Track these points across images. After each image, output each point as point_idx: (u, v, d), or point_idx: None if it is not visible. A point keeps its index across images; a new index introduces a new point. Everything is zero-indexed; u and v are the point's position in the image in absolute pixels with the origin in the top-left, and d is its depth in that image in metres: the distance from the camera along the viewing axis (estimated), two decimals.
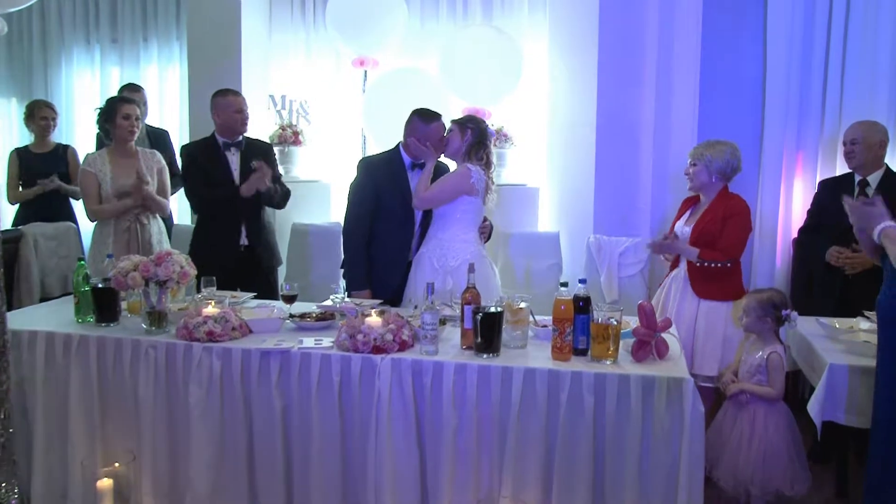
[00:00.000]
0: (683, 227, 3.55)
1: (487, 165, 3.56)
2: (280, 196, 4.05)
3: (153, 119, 5.58)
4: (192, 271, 2.89)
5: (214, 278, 3.18)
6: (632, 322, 2.79)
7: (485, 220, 3.68)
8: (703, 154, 3.49)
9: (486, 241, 3.72)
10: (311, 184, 5.21)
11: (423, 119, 3.56)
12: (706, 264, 3.38)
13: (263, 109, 5.17)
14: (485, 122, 3.71)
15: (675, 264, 3.66)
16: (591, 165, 4.71)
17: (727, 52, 4.65)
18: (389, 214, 3.58)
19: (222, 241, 3.91)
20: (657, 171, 4.61)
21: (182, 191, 4.31)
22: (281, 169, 4.35)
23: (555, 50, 5.03)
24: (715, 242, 3.41)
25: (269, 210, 4.16)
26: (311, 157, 5.31)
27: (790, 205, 4.56)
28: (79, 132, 6.18)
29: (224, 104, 3.93)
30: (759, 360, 2.92)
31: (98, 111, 4.01)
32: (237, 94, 4.01)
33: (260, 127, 5.01)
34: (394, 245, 3.58)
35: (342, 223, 3.66)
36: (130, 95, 4.52)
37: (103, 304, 2.94)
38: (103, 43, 6.16)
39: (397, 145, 3.68)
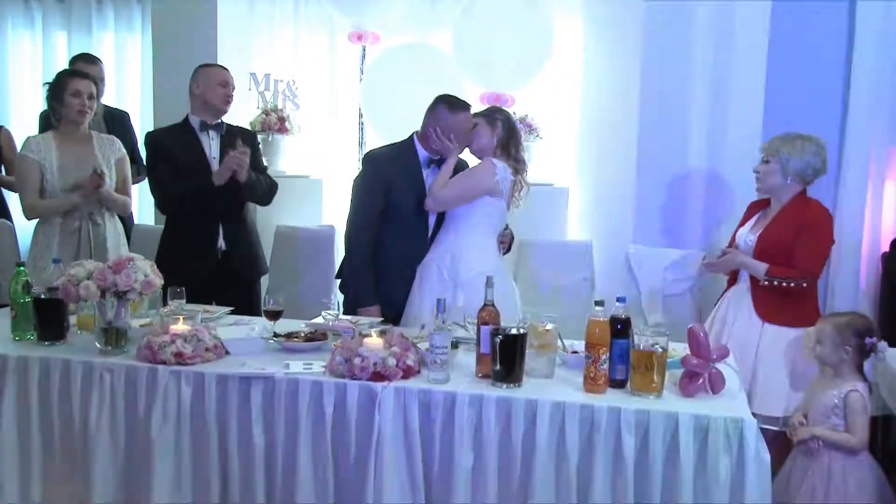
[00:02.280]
0: (748, 236, 3.49)
1: (518, 163, 3.57)
2: (264, 188, 4.05)
3: (108, 98, 5.59)
4: (158, 281, 2.88)
5: (184, 289, 3.17)
6: (680, 349, 2.76)
7: (505, 228, 3.69)
8: (780, 150, 3.39)
9: (504, 253, 3.73)
10: (299, 179, 5.23)
11: (449, 108, 3.56)
12: (776, 282, 3.30)
13: (243, 91, 5.18)
14: (510, 113, 3.73)
15: (733, 279, 3.62)
16: (631, 162, 4.71)
17: (802, 27, 4.53)
18: (399, 218, 3.57)
19: (195, 245, 3.91)
20: (712, 169, 4.61)
21: (145, 184, 4.31)
22: (264, 161, 4.35)
23: (591, 25, 5.04)
24: (785, 256, 3.33)
25: (252, 209, 4.17)
26: (299, 148, 5.33)
27: (879, 212, 4.45)
28: (15, 110, 6.13)
29: (208, 74, 3.95)
30: (835, 399, 2.88)
31: (46, 86, 4.00)
32: (226, 69, 4.05)
33: (239, 112, 5.02)
34: (402, 254, 3.57)
35: (344, 227, 3.66)
36: (84, 68, 4.45)
37: (48, 319, 2.93)
38: (46, 2, 6.11)
39: (411, 136, 3.68)
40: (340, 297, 3.83)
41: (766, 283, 3.30)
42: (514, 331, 2.55)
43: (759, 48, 4.47)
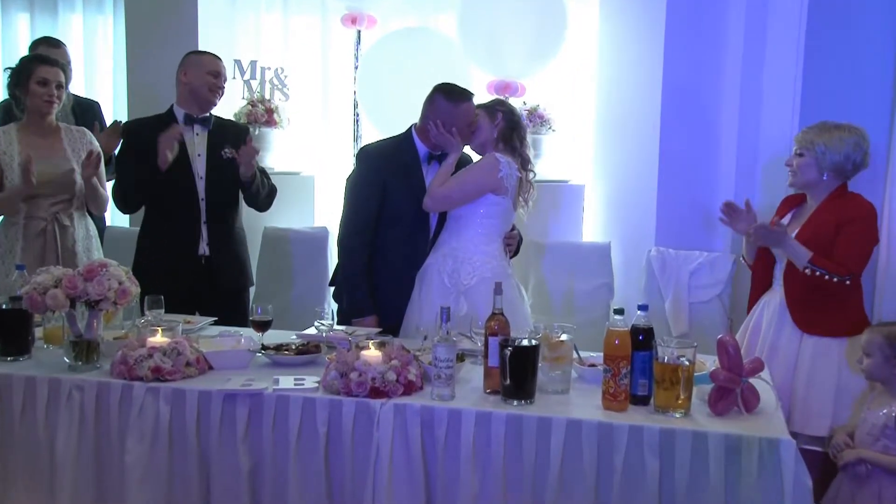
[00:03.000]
0: None
1: (523, 159, 3.57)
2: (267, 191, 4.05)
3: (76, 86, 5.57)
4: (134, 289, 2.88)
5: (163, 298, 3.18)
6: (709, 362, 2.76)
7: (512, 228, 3.69)
8: (815, 142, 3.34)
9: (511, 257, 3.73)
10: (289, 176, 5.22)
11: (449, 98, 3.56)
12: (818, 273, 3.18)
13: (227, 79, 5.18)
14: (516, 108, 3.73)
15: (767, 284, 3.59)
16: (653, 156, 4.71)
17: (844, 4, 4.36)
18: (398, 220, 3.58)
19: (175, 250, 3.90)
20: (742, 163, 4.59)
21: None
22: None
23: (608, 6, 5.04)
24: (826, 255, 3.25)
25: (240, 212, 4.15)
26: (289, 143, 5.33)
27: None
28: None
29: (199, 62, 3.95)
30: (884, 418, 2.86)
31: (7, 72, 3.96)
32: (218, 57, 4.04)
33: (222, 102, 5.01)
34: (401, 259, 3.58)
35: (337, 230, 3.67)
36: (47, 52, 4.39)
37: (11, 332, 2.93)
38: None
39: (409, 130, 3.68)
40: (335, 305, 3.82)
41: (809, 272, 3.22)
42: (525, 342, 2.54)
43: (795, 30, 4.44)
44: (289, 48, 5.55)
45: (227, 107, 5.05)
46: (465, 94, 3.59)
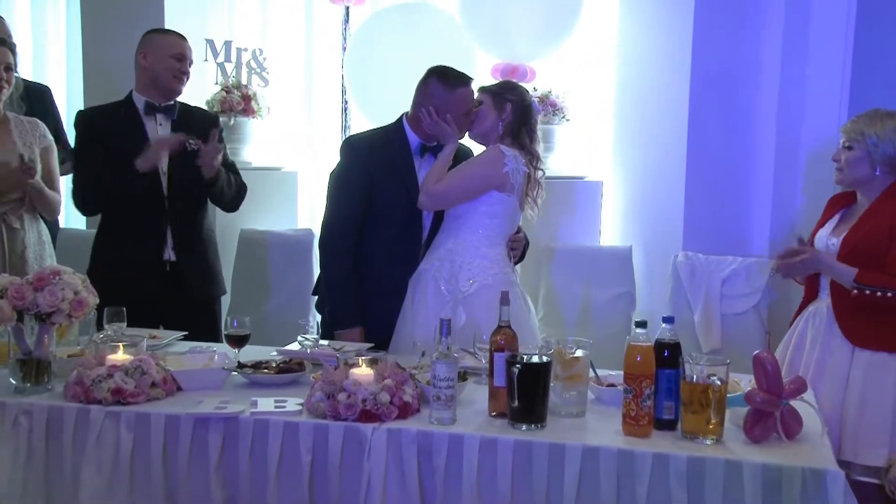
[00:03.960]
0: (829, 239, 3.44)
1: (531, 156, 3.58)
2: (234, 191, 4.06)
3: (23, 70, 5.55)
4: (92, 299, 2.88)
5: (124, 310, 3.17)
6: (744, 382, 2.76)
7: (517, 230, 3.70)
8: (865, 133, 3.31)
9: (516, 262, 3.74)
10: (268, 172, 5.23)
11: (444, 82, 3.57)
12: (868, 292, 3.25)
13: (198, 62, 5.15)
14: (528, 92, 3.73)
15: (811, 294, 3.58)
16: (680, 149, 4.72)
17: None
18: (387, 219, 3.59)
19: (137, 255, 3.90)
20: (782, 158, 4.59)
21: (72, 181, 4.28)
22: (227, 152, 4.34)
23: None
24: (877, 263, 3.23)
25: (210, 213, 4.16)
26: (268, 134, 5.34)
27: None
28: None
29: (160, 43, 3.94)
30: None
31: None
32: (183, 37, 4.03)
33: (192, 88, 5.02)
34: (391, 264, 3.60)
35: (318, 231, 3.68)
36: None
37: None
38: None
39: (400, 119, 3.70)
40: (320, 317, 3.82)
41: (856, 292, 3.22)
42: (535, 359, 2.54)
43: (844, 5, 4.44)
44: (268, 27, 5.56)
45: (198, 93, 5.04)
46: (462, 78, 3.60)
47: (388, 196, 3.58)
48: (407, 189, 3.58)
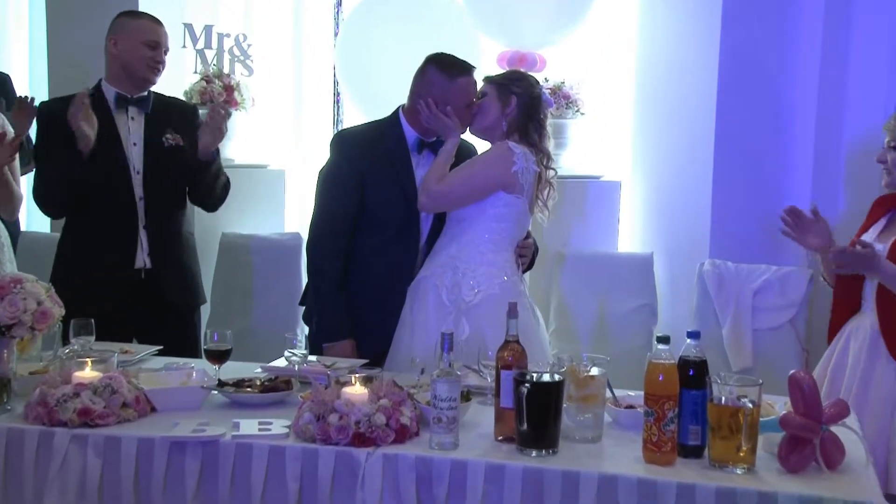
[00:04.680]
0: (875, 245, 3.46)
1: (542, 153, 3.58)
2: (222, 184, 4.06)
3: None
4: (58, 310, 2.87)
5: (93, 322, 3.17)
6: (779, 405, 2.75)
7: (526, 235, 3.70)
8: None
9: (525, 270, 3.74)
10: (253, 171, 5.24)
11: (443, 70, 3.59)
12: None
13: (175, 49, 5.16)
14: (538, 83, 3.73)
15: (852, 306, 3.58)
16: (707, 147, 4.72)
17: None
18: (381, 221, 3.61)
19: (107, 261, 3.90)
20: (822, 157, 4.60)
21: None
22: None
23: None
24: None
25: (189, 214, 4.16)
26: (253, 129, 5.35)
27: None
28: None
29: (131, 28, 3.93)
30: None
31: None
32: (158, 21, 4.03)
33: (169, 77, 5.02)
34: (386, 271, 3.61)
35: (306, 234, 3.69)
36: None
37: None
38: None
39: (396, 112, 3.71)
40: (308, 330, 3.82)
41: None
42: (546, 377, 2.54)
43: None
44: (253, 10, 5.57)
45: (175, 83, 5.04)
46: (464, 66, 3.62)
47: (382, 196, 3.59)
48: (403, 188, 3.59)
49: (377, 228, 3.61)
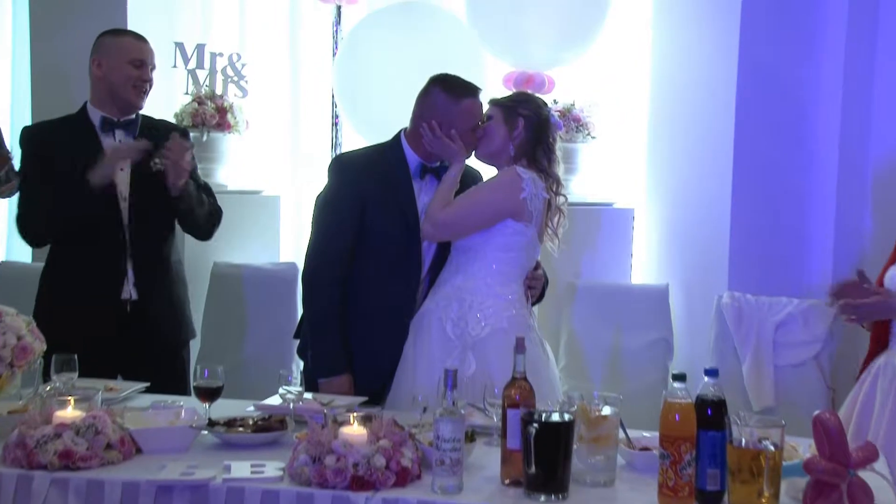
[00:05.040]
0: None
1: (551, 179, 3.59)
2: (207, 212, 4.05)
3: None
4: (39, 345, 2.88)
5: (76, 357, 3.15)
6: (802, 447, 2.74)
7: (536, 266, 3.71)
8: None
9: (535, 303, 3.75)
10: (247, 197, 5.25)
11: (448, 92, 3.60)
12: None
13: (166, 69, 5.20)
14: (546, 105, 3.75)
15: (880, 343, 3.59)
16: (725, 171, 4.73)
17: None
18: (381, 250, 3.60)
19: (92, 294, 3.90)
20: (847, 179, 4.60)
21: (15, 202, 4.27)
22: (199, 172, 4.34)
23: None
24: None
25: (179, 243, 4.16)
26: (247, 152, 5.36)
27: None
28: None
29: (114, 48, 3.94)
30: None
31: None
32: (142, 38, 4.04)
33: (159, 98, 5.04)
34: (387, 302, 3.61)
35: (302, 264, 3.69)
36: None
37: None
38: None
39: (398, 135, 3.72)
40: (303, 365, 3.81)
41: None
42: (555, 417, 2.52)
43: None
44: (247, 28, 5.59)
45: (165, 104, 5.07)
46: (469, 88, 3.62)
47: (382, 223, 3.59)
48: (404, 215, 3.59)
49: (377, 257, 3.61)
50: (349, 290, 3.61)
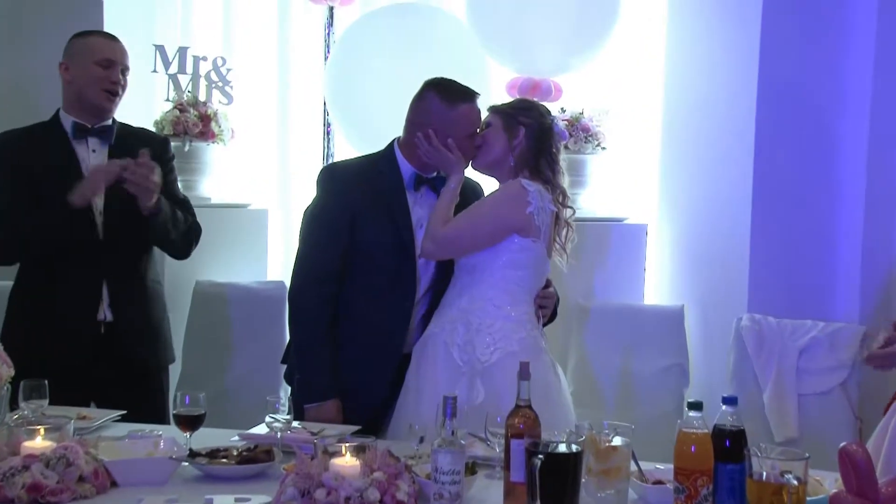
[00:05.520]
0: None
1: (556, 190, 3.59)
2: (182, 230, 4.05)
3: None
4: (6, 371, 2.87)
5: (46, 383, 3.15)
6: (828, 481, 2.73)
7: (547, 283, 3.71)
8: None
9: (546, 323, 3.74)
10: (232, 210, 5.25)
11: (443, 97, 3.61)
12: None
13: (144, 73, 5.22)
14: (549, 112, 3.75)
15: None
16: (745, 186, 4.73)
17: None
18: (374, 267, 3.61)
19: (64, 315, 3.90)
20: (875, 196, 4.61)
21: None
22: (180, 185, 4.34)
23: None
24: None
25: (156, 261, 4.16)
26: (232, 163, 5.37)
27: None
28: None
29: (81, 49, 3.94)
30: None
31: None
32: (111, 37, 4.04)
33: (137, 106, 5.04)
34: (380, 323, 3.61)
35: (289, 282, 3.69)
36: None
37: None
38: None
39: (391, 144, 3.73)
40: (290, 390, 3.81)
41: None
42: (562, 447, 2.52)
43: None
44: (233, 30, 5.61)
45: (145, 111, 5.07)
46: (466, 93, 3.63)
47: (374, 238, 3.59)
48: (398, 229, 3.60)
49: (369, 275, 3.61)
50: (339, 310, 3.61)
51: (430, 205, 3.63)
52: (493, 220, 3.51)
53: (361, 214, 3.59)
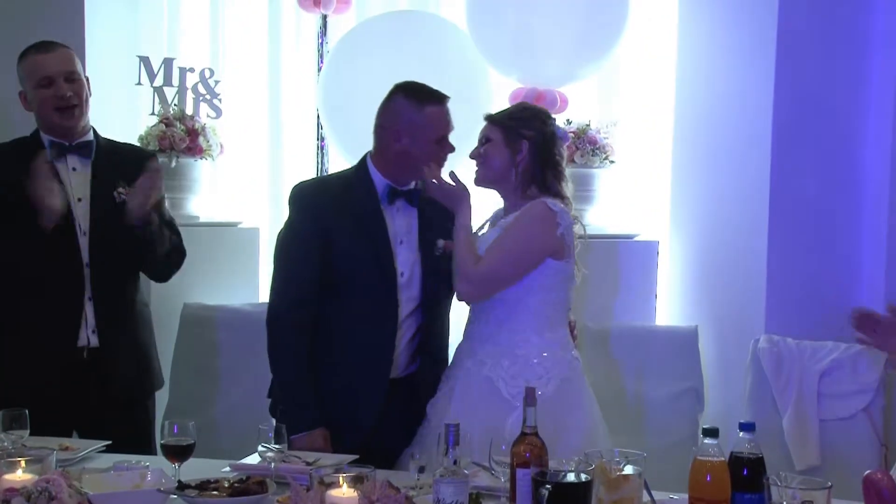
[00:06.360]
0: None
1: (567, 201, 3.60)
2: (165, 250, 4.05)
3: None
4: None
5: (27, 412, 3.16)
6: None
7: None
8: None
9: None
10: (221, 229, 5.26)
11: (410, 98, 3.65)
12: None
13: (128, 85, 5.25)
14: (549, 117, 3.76)
15: None
16: (761, 202, 4.74)
17: None
18: (352, 288, 3.63)
19: (45, 340, 3.89)
20: None
21: None
22: (167, 203, 4.34)
23: None
24: None
25: (142, 282, 4.16)
26: (222, 180, 5.39)
27: None
28: None
29: (25, 73, 3.93)
30: None
31: None
32: (46, 48, 3.96)
33: (122, 120, 5.04)
34: (364, 346, 3.62)
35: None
36: None
37: None
38: None
39: (363, 158, 3.76)
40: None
41: None
42: (571, 477, 2.52)
43: None
44: (221, 41, 5.62)
45: (129, 125, 5.07)
46: (435, 95, 3.66)
47: (350, 257, 3.61)
48: (375, 247, 3.62)
49: (347, 297, 3.63)
50: (319, 336, 3.63)
51: (407, 217, 3.68)
52: (527, 247, 3.51)
53: (335, 234, 3.61)
